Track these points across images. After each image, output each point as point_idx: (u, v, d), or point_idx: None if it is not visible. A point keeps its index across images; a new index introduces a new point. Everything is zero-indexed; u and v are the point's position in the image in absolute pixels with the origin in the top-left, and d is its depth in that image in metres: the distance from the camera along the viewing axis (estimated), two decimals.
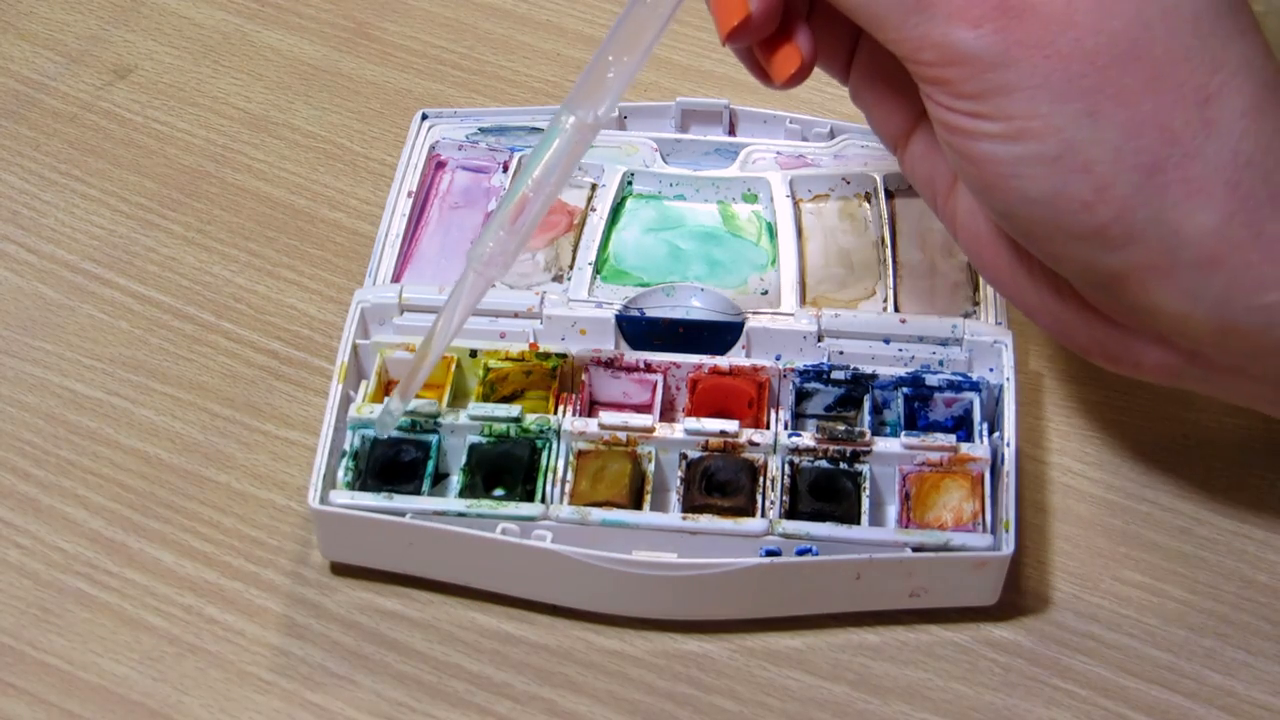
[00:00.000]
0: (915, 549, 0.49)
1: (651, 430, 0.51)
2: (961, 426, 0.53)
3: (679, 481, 0.51)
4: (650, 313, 0.55)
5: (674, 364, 0.54)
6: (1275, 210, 0.40)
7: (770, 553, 0.49)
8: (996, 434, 0.52)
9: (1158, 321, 0.43)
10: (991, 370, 0.53)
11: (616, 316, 0.55)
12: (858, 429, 0.52)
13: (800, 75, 0.45)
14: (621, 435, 0.51)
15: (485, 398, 0.53)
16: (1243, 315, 0.42)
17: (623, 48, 0.46)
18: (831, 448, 0.51)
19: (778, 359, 0.54)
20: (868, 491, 0.51)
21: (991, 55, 0.40)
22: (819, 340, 0.54)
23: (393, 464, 0.52)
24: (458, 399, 0.54)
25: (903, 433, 0.52)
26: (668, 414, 0.53)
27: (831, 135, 0.60)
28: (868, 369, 0.53)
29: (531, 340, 0.54)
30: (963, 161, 0.42)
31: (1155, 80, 0.40)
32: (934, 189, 0.47)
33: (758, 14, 0.44)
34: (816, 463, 0.51)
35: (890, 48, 0.42)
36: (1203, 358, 0.44)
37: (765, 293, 0.56)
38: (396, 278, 0.56)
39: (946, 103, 0.42)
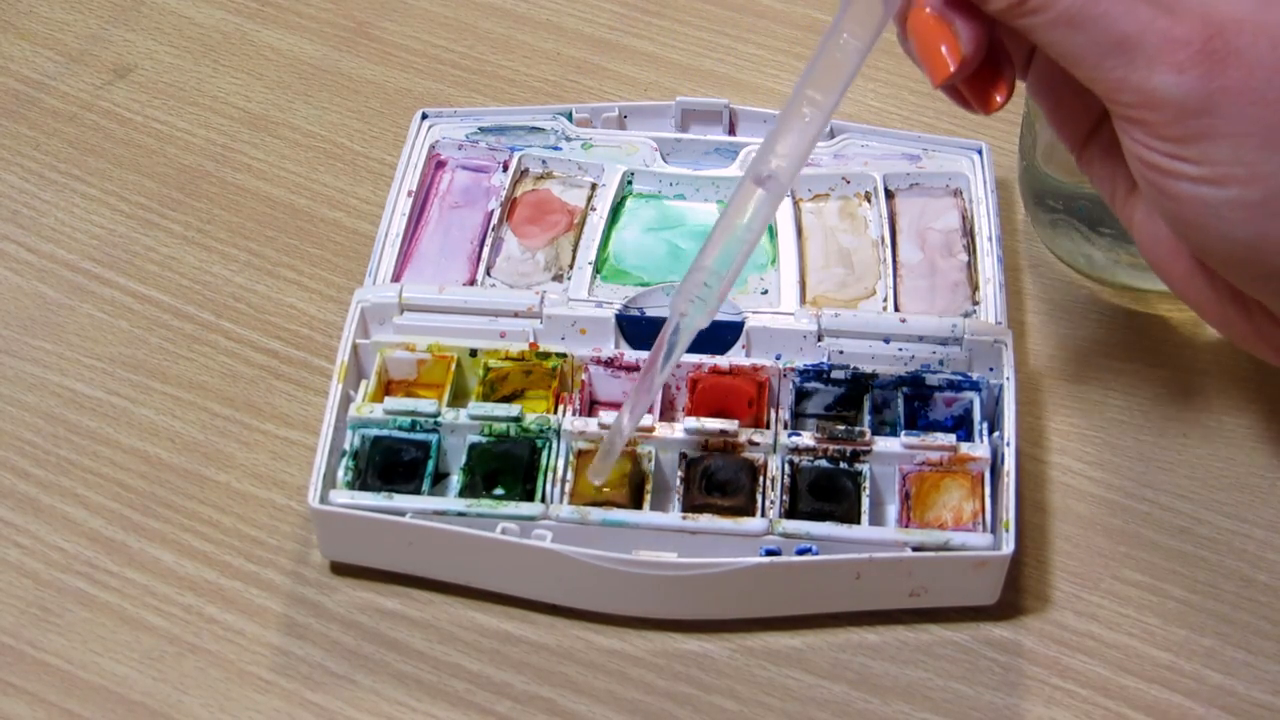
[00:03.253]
0: (915, 549, 0.49)
1: (651, 430, 0.51)
2: (961, 426, 0.53)
3: (679, 481, 0.51)
4: (650, 312, 0.55)
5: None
6: None
7: (770, 552, 0.49)
8: (996, 434, 0.52)
9: None
10: (991, 370, 0.53)
11: (616, 316, 0.55)
12: (858, 429, 0.52)
13: (1005, 104, 0.45)
14: None
15: (485, 397, 0.53)
16: None
17: (818, 87, 0.45)
18: (831, 447, 0.51)
19: (778, 358, 0.54)
20: (868, 491, 0.51)
21: (1195, 101, 0.39)
22: (819, 340, 0.54)
23: (393, 464, 0.52)
24: (458, 399, 0.54)
25: (903, 432, 0.52)
26: (668, 414, 0.53)
27: (831, 135, 0.60)
28: (868, 368, 0.53)
29: (531, 340, 0.54)
30: (1160, 197, 0.42)
31: None
32: (1112, 190, 0.46)
33: (970, 56, 0.43)
34: (816, 462, 0.51)
35: (1087, 84, 0.41)
36: None
37: (765, 292, 0.56)
38: (396, 277, 0.56)
39: (1145, 141, 0.41)
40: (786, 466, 0.51)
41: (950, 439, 0.51)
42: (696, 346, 0.54)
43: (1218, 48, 0.39)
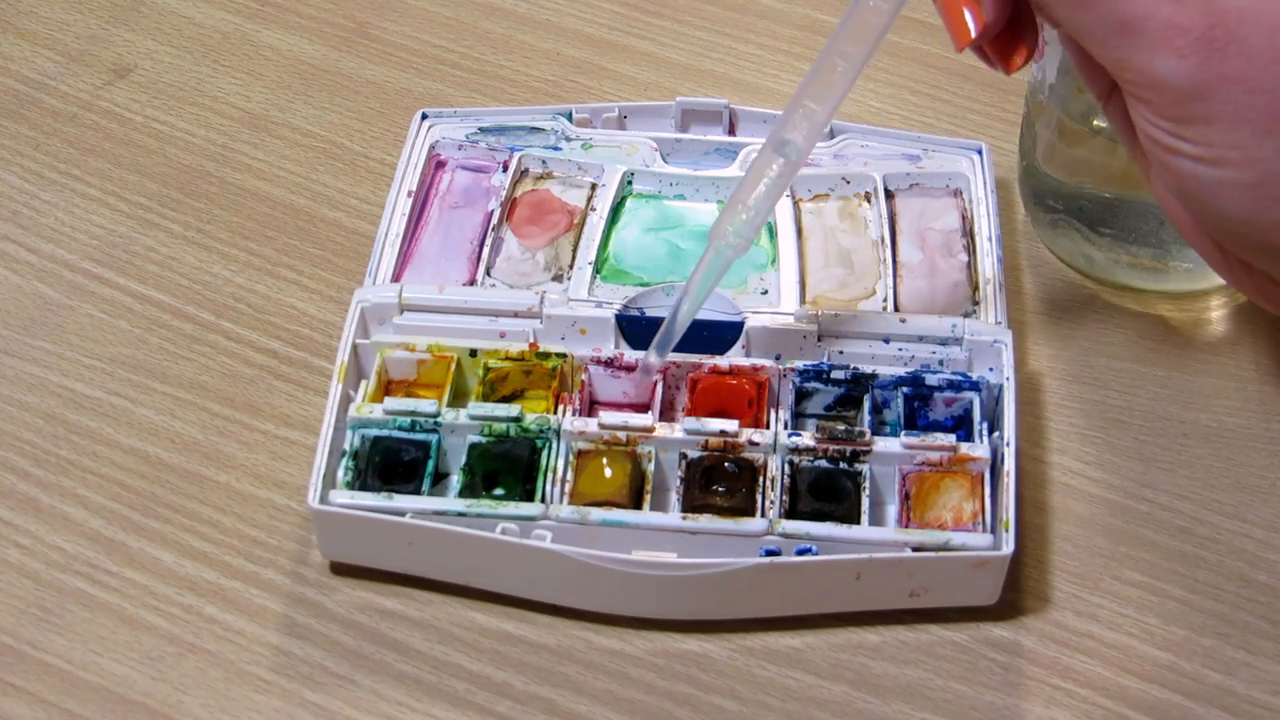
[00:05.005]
0: (915, 549, 0.49)
1: (651, 430, 0.51)
2: (961, 426, 0.53)
3: (679, 481, 0.51)
4: (650, 312, 0.55)
5: (674, 363, 0.54)
6: None
7: (770, 553, 0.49)
8: (996, 434, 0.52)
9: None
10: (991, 370, 0.53)
11: (616, 316, 0.55)
12: (858, 429, 0.52)
13: (1029, 62, 0.46)
14: (621, 435, 0.51)
15: (485, 397, 0.53)
16: None
17: (847, 46, 0.47)
18: (831, 447, 0.51)
19: (777, 359, 0.54)
20: (868, 491, 0.51)
21: (1194, 86, 0.40)
22: (819, 340, 0.54)
23: (393, 464, 0.52)
24: (458, 399, 0.54)
25: (903, 432, 0.52)
26: (668, 414, 0.53)
27: (831, 135, 0.60)
28: (868, 369, 0.53)
29: (531, 340, 0.54)
30: (1162, 169, 0.43)
31: None
32: (1131, 142, 0.47)
33: (992, 21, 0.44)
34: (816, 462, 0.51)
35: (1096, 59, 0.42)
36: None
37: (765, 292, 0.56)
38: (396, 277, 0.56)
39: (1148, 117, 0.42)
40: (786, 467, 0.51)
41: (950, 439, 0.51)
42: (697, 346, 0.54)
43: (1218, 35, 0.40)
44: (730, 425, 0.51)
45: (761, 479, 0.51)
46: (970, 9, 0.44)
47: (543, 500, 0.50)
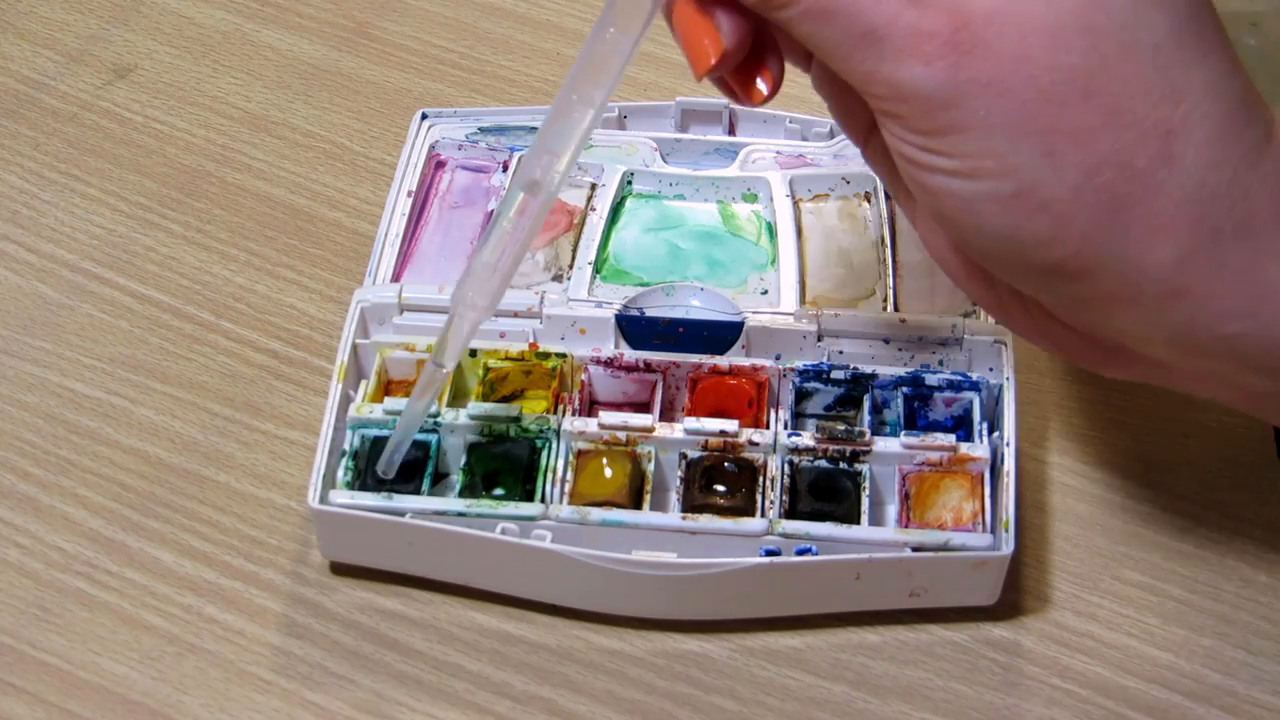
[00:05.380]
0: (915, 549, 0.49)
1: (651, 430, 0.51)
2: (961, 426, 0.53)
3: (679, 481, 0.51)
4: (650, 312, 0.55)
5: (674, 364, 0.54)
6: (1238, 242, 0.39)
7: (770, 553, 0.49)
8: (996, 434, 0.52)
9: (1122, 339, 0.43)
10: (991, 370, 0.53)
11: (616, 316, 0.55)
12: (857, 429, 0.52)
13: (772, 96, 0.44)
14: (621, 435, 0.51)
15: (485, 397, 0.53)
16: (1206, 343, 0.41)
17: (587, 83, 0.44)
18: (831, 447, 0.51)
19: (777, 359, 0.54)
20: (867, 491, 0.51)
21: (943, 94, 0.39)
22: (819, 340, 0.54)
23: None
24: (458, 399, 0.54)
25: (902, 432, 0.52)
26: (668, 414, 0.53)
27: (831, 135, 0.60)
28: (867, 369, 0.53)
29: (531, 340, 0.54)
30: (920, 191, 0.42)
31: (1114, 117, 0.39)
32: (895, 185, 0.46)
33: (731, 49, 0.42)
34: (816, 462, 0.51)
35: (844, 77, 0.41)
36: (1166, 368, 0.43)
37: (765, 292, 0.56)
38: (396, 277, 0.56)
39: (900, 135, 0.41)
40: (786, 467, 0.51)
41: (950, 439, 0.51)
42: (697, 347, 0.54)
43: (964, 39, 0.38)
44: (730, 425, 0.51)
45: (761, 479, 0.51)
46: (709, 36, 0.42)
47: (543, 500, 0.50)
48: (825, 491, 0.51)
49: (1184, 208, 0.39)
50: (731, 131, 0.62)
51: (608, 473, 0.51)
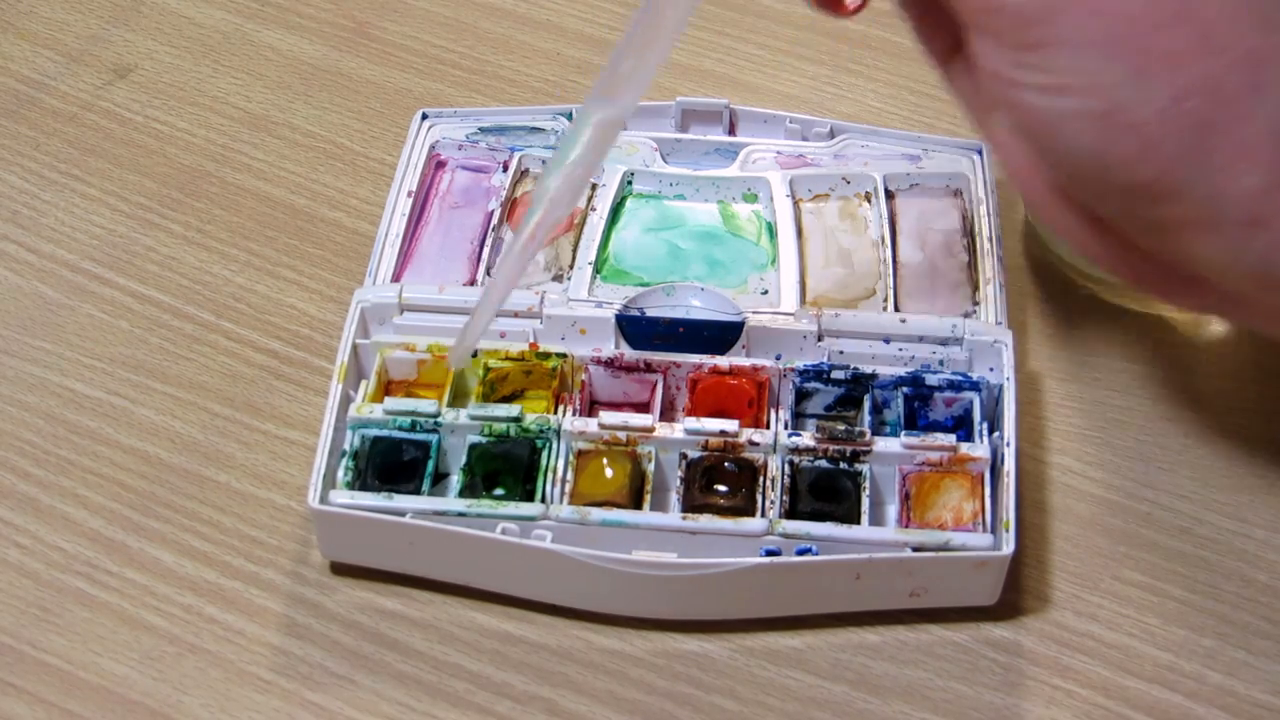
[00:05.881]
0: (915, 549, 0.49)
1: (651, 430, 0.51)
2: (961, 426, 0.53)
3: (679, 481, 0.51)
4: (650, 312, 0.55)
5: (674, 364, 0.54)
6: None
7: (770, 553, 0.49)
8: (996, 434, 0.52)
9: (1199, 268, 0.42)
10: (991, 370, 0.53)
11: (616, 316, 0.55)
12: (858, 429, 0.52)
13: (861, 7, 0.45)
14: (621, 435, 0.51)
15: (485, 397, 0.53)
16: None
17: (642, 43, 0.45)
18: (831, 447, 0.51)
19: (778, 359, 0.54)
20: (868, 491, 0.51)
21: (1037, 9, 0.39)
22: (819, 340, 0.54)
23: (393, 464, 0.52)
24: (458, 399, 0.54)
25: (903, 432, 0.52)
26: (668, 414, 0.53)
27: (831, 135, 0.60)
28: (868, 369, 0.53)
29: (531, 340, 0.54)
30: (1008, 108, 0.42)
31: (1205, 42, 0.39)
32: (975, 107, 0.46)
33: None
34: (816, 462, 0.51)
35: None
36: (1241, 302, 0.43)
37: (765, 292, 0.56)
38: (396, 277, 0.56)
39: (991, 50, 0.41)
40: (786, 467, 0.51)
41: (950, 439, 0.51)
42: (697, 347, 0.54)
43: None
44: (730, 425, 0.51)
45: (761, 479, 0.51)
46: None
47: (543, 500, 0.50)
48: (825, 491, 0.51)
49: (1270, 137, 0.39)
50: (731, 131, 0.62)
51: (608, 473, 0.51)
